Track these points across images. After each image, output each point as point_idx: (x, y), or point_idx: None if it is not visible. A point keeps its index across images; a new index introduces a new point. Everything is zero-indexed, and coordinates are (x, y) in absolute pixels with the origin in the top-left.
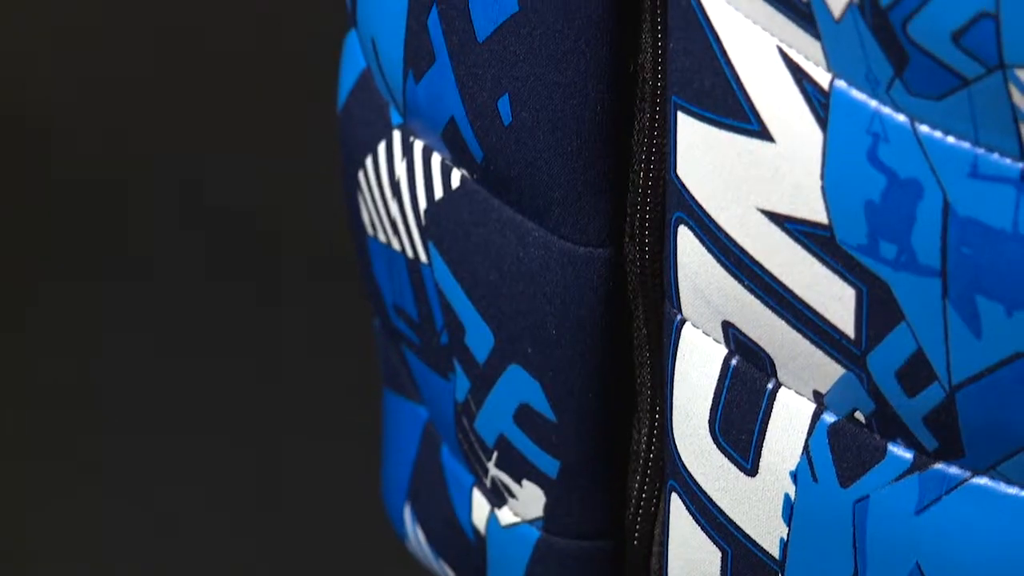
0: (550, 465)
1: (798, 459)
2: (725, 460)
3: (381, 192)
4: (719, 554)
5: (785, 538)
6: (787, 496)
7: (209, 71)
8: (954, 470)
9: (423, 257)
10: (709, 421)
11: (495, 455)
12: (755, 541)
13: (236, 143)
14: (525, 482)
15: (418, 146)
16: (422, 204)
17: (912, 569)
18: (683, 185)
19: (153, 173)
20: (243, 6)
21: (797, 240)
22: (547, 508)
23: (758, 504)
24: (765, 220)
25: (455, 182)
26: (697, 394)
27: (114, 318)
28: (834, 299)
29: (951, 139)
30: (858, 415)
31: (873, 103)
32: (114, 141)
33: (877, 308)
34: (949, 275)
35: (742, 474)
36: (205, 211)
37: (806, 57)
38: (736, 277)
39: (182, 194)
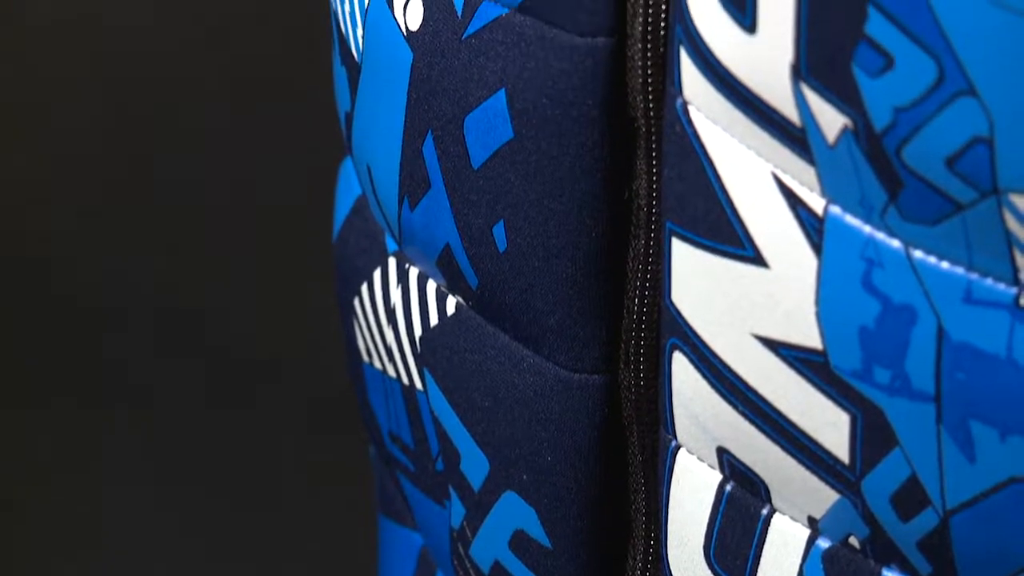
0: None
1: None
2: None
3: (377, 319)
4: None
5: None
6: None
7: (207, 212)
8: None
9: (418, 384)
10: (704, 547)
11: None
12: None
13: (235, 277)
14: None
15: (413, 273)
16: (417, 331)
17: None
18: (677, 311)
19: (152, 302)
20: (242, 169)
21: (791, 366)
22: None
23: None
24: (760, 346)
25: (450, 309)
26: (692, 520)
27: (113, 447)
28: (828, 424)
29: (945, 264)
30: (852, 540)
31: (867, 229)
32: (114, 272)
33: (871, 433)
34: (943, 400)
35: None
36: (205, 341)
37: (800, 183)
38: (731, 403)
39: (183, 325)
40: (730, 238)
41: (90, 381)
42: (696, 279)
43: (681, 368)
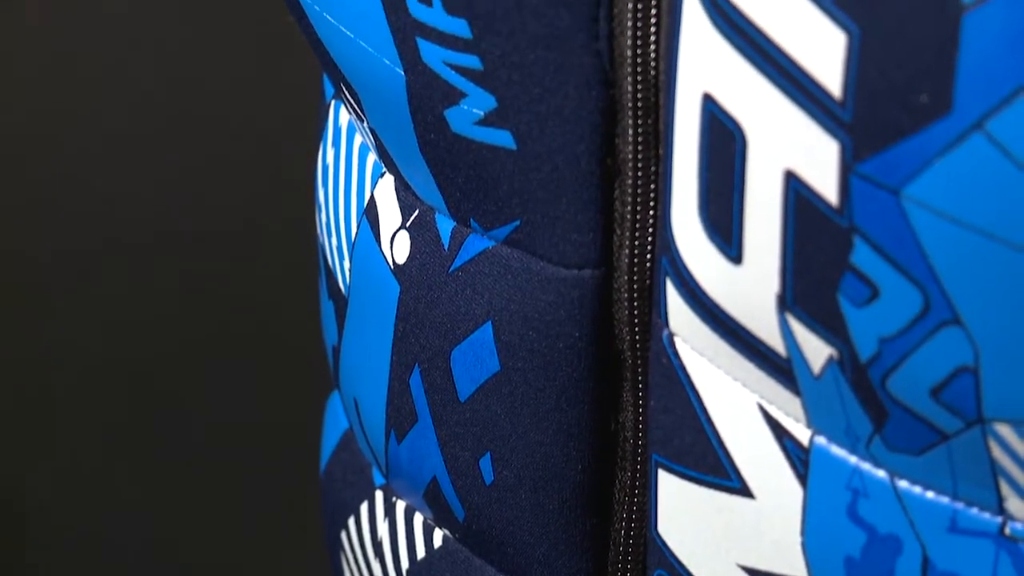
0: None
1: None
2: None
3: (364, 553)
4: None
5: None
6: None
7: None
8: None
9: None
10: None
11: None
12: None
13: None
14: None
15: (400, 506)
16: (404, 564)
17: None
18: (663, 542)
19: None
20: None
21: None
22: None
23: None
24: None
25: (437, 541)
26: None
27: None
28: None
29: (930, 494)
30: None
31: (853, 459)
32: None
33: None
34: None
35: None
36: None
37: (786, 413)
38: None
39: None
40: (716, 469)
41: None
42: (682, 511)
43: None
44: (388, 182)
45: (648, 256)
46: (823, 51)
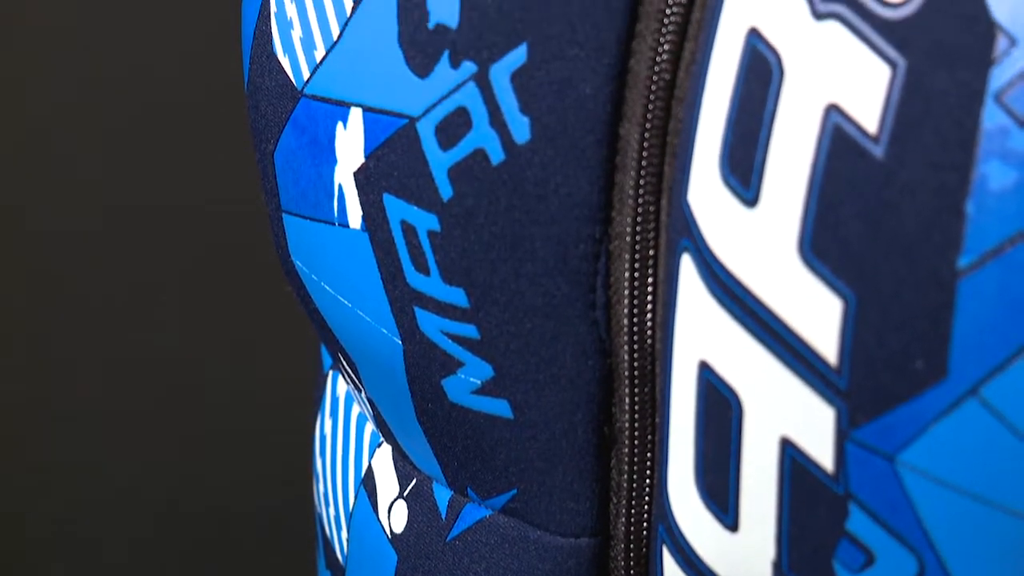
0: None
1: None
2: None
3: None
4: None
5: None
6: None
7: None
8: None
9: None
10: None
11: None
12: None
13: None
14: None
15: None
16: None
17: None
18: None
19: None
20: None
21: None
22: None
23: None
24: None
25: None
26: None
27: None
28: None
29: None
30: None
31: None
32: None
33: None
34: None
35: None
36: None
37: None
38: None
39: None
40: None
41: None
42: None
43: None
44: (386, 452)
45: (644, 524)
46: (819, 318)
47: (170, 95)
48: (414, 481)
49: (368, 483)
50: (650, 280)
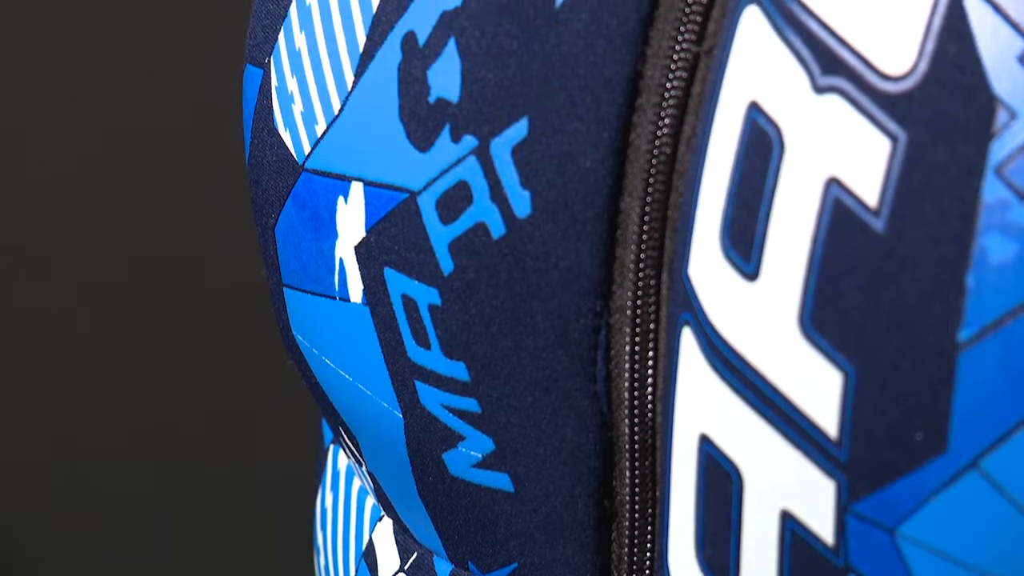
0: None
1: None
2: None
3: None
4: None
5: None
6: None
7: None
8: None
9: None
10: None
11: None
12: None
13: None
14: None
15: None
16: None
17: None
18: None
19: None
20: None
21: None
22: None
23: None
24: None
25: None
26: None
27: None
28: None
29: None
30: None
31: None
32: None
33: None
34: None
35: None
36: None
37: None
38: None
39: None
40: None
41: None
42: None
43: None
44: (387, 525)
45: None
46: (819, 392)
47: (169, 167)
48: (415, 555)
49: (369, 557)
50: (651, 353)
